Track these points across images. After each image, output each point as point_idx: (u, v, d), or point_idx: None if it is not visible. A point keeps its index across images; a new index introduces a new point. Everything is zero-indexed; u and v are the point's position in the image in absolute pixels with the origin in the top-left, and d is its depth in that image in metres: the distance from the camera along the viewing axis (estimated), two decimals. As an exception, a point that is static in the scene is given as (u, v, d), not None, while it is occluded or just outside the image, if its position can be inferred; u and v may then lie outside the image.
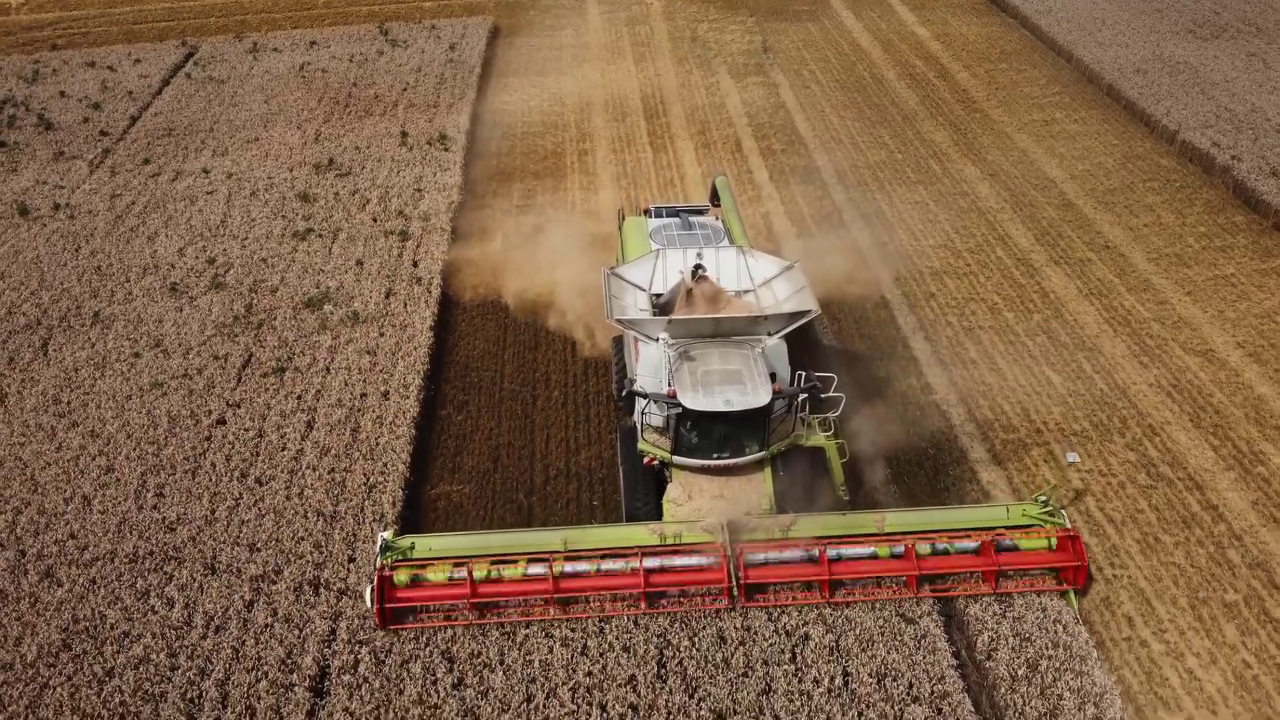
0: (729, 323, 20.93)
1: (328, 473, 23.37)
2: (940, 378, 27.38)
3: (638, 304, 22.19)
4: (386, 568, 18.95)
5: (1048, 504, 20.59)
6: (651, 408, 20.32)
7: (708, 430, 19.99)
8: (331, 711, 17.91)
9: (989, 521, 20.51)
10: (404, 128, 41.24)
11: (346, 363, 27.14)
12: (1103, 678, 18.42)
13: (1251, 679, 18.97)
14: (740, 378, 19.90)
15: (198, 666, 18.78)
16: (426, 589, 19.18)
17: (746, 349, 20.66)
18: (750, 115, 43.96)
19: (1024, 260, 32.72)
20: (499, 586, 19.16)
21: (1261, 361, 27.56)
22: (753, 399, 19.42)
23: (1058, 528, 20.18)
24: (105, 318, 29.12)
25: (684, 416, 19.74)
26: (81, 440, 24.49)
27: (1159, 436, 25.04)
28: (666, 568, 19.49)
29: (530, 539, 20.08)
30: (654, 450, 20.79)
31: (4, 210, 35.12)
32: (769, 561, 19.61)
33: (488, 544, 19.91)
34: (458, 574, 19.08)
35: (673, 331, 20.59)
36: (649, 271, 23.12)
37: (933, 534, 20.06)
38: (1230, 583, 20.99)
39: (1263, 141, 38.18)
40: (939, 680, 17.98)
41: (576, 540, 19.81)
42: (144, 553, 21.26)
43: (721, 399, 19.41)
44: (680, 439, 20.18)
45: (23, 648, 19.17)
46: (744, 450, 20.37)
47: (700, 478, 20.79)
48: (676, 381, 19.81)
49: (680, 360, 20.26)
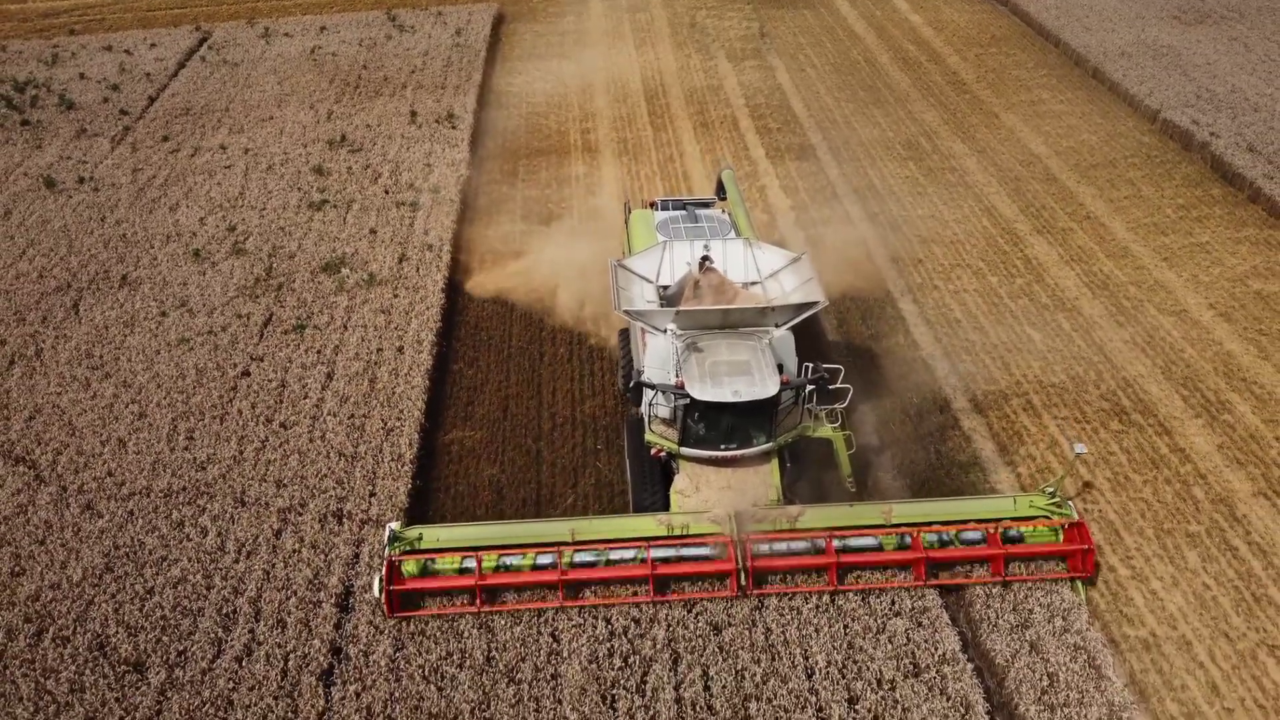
0: (737, 314, 20.79)
1: (347, 418, 24.82)
2: (926, 335, 28.84)
3: (645, 296, 22.03)
4: (394, 556, 19.09)
5: (1055, 495, 20.64)
6: (659, 399, 20.27)
7: (715, 421, 19.92)
8: (356, 624, 19.37)
9: (996, 513, 20.46)
10: (413, 107, 42.70)
11: (363, 321, 28.59)
12: (1070, 595, 19.90)
13: (1210, 599, 20.42)
14: (748, 368, 19.77)
15: (231, 586, 20.26)
16: (435, 578, 19.33)
17: (754, 340, 20.52)
18: (747, 97, 45.42)
19: (1008, 230, 34.17)
20: (507, 576, 19.25)
21: (1231, 321, 29.01)
22: (761, 389, 19.34)
23: (1065, 518, 20.26)
24: (132, 280, 30.57)
25: (692, 407, 19.70)
26: (114, 390, 25.93)
27: (1132, 388, 26.48)
28: (675, 558, 19.49)
29: (538, 530, 20.13)
30: (661, 441, 20.70)
31: (31, 183, 36.56)
32: (777, 552, 19.59)
33: (496, 535, 20.01)
34: (466, 564, 19.17)
35: (680, 323, 20.54)
36: (656, 263, 23.09)
37: (940, 525, 20.07)
38: (1194, 516, 22.44)
39: (1240, 119, 39.61)
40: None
41: (584, 531, 19.81)
42: (177, 488, 22.73)
43: (730, 389, 19.31)
44: (688, 430, 20.15)
45: (69, 570, 20.64)
46: (751, 441, 20.27)
47: (708, 469, 20.71)
48: (685, 372, 19.74)
49: (688, 351, 20.12)
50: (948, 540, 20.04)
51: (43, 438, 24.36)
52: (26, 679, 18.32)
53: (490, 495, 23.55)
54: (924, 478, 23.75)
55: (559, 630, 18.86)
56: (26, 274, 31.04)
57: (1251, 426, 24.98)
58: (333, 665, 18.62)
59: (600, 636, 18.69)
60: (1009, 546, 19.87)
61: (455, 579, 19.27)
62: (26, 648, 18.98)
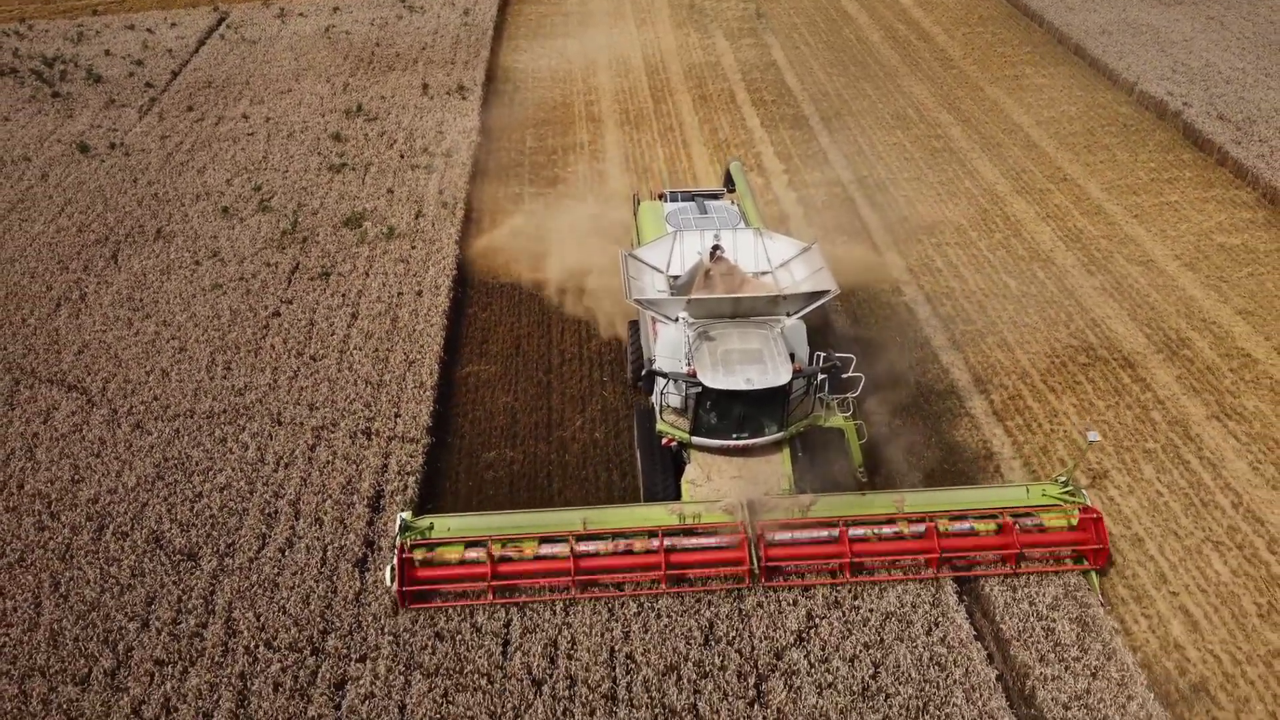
0: (748, 303, 20.72)
1: (372, 352, 26.85)
2: (909, 282, 30.88)
3: (655, 285, 21.99)
4: (406, 547, 19.04)
5: (1067, 484, 20.67)
6: (670, 388, 20.15)
7: (727, 410, 19.87)
8: (387, 521, 21.42)
9: (1008, 502, 20.42)
10: (424, 81, 44.74)
11: (384, 269, 30.61)
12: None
13: (1162, 504, 22.48)
14: (760, 357, 19.68)
15: (272, 490, 22.31)
16: (447, 569, 19.16)
17: (766, 329, 20.43)
18: (744, 72, 47.46)
19: (989, 190, 36.22)
20: (519, 566, 19.14)
21: (1195, 270, 31.06)
22: (773, 377, 19.26)
23: (1079, 505, 20.25)
24: (166, 234, 32.60)
25: (704, 396, 19.62)
26: (155, 328, 27.96)
27: (1099, 327, 28.54)
28: (687, 547, 19.38)
29: (549, 519, 20.04)
30: (673, 431, 20.69)
31: (65, 149, 38.58)
32: (789, 542, 19.51)
33: (506, 524, 19.87)
34: (477, 554, 19.14)
35: (692, 311, 20.44)
36: (666, 253, 23.01)
37: (953, 514, 20.02)
38: (1151, 435, 24.51)
39: (1212, 90, 41.65)
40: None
41: (596, 520, 19.71)
42: (218, 410, 24.77)
43: (742, 378, 19.24)
44: (699, 419, 20.09)
45: (123, 478, 22.68)
46: (763, 430, 20.23)
47: (719, 458, 20.68)
48: (696, 361, 19.64)
49: (700, 340, 20.05)
50: (962, 530, 19.78)
51: (91, 368, 26.37)
52: (92, 566, 20.36)
53: (505, 419, 25.57)
54: (905, 404, 25.71)
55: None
56: (66, 229, 33.05)
57: (1208, 360, 27.04)
58: (366, 555, 20.65)
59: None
60: (1023, 536, 19.69)
61: (468, 569, 19.05)
62: (90, 541, 21.02)
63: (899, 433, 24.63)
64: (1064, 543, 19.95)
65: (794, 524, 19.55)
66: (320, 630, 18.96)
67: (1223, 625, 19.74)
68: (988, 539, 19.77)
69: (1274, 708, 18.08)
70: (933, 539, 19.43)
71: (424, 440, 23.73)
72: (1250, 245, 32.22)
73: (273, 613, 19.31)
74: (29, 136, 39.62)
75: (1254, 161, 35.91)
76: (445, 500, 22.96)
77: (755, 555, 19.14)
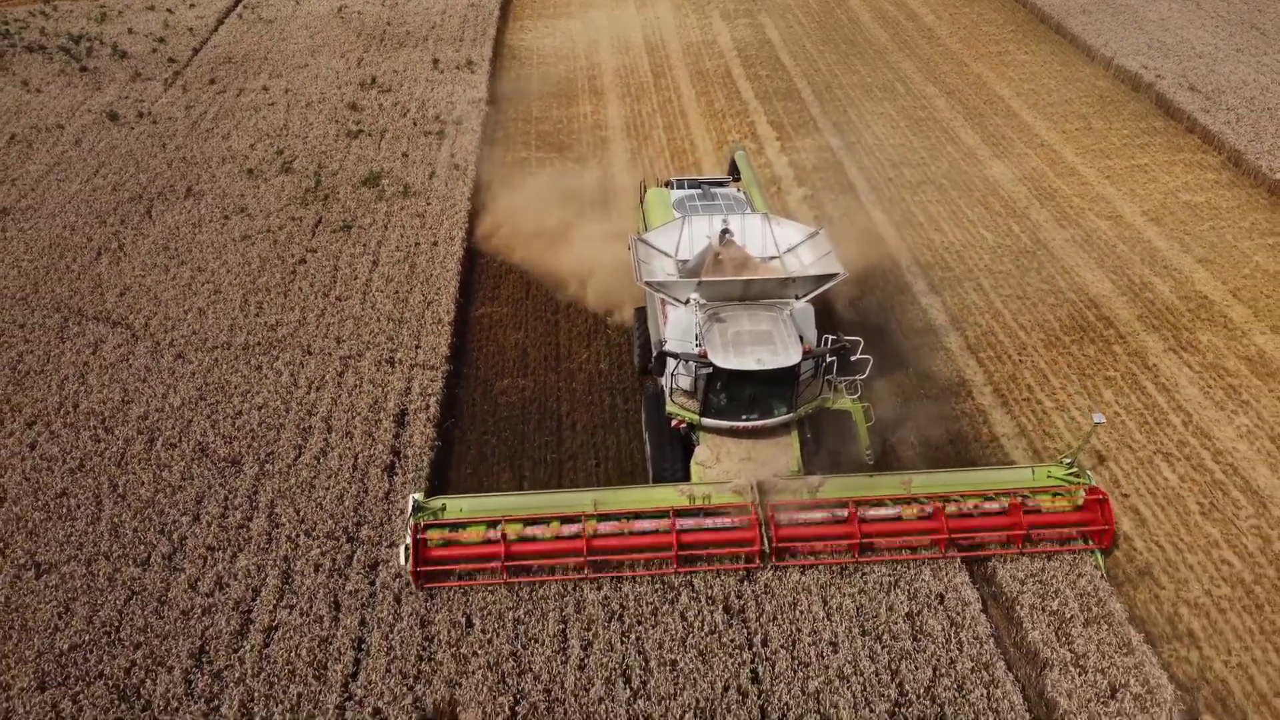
0: (758, 285, 20.86)
1: (393, 293, 28.96)
2: (892, 235, 33.01)
3: (665, 269, 22.18)
4: (420, 528, 19.17)
5: (1072, 465, 20.92)
6: (681, 369, 20.21)
7: (737, 392, 20.02)
8: (412, 434, 23.55)
9: (1014, 483, 20.61)
10: (435, 56, 46.88)
11: (401, 223, 32.73)
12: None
13: (1119, 422, 24.62)
14: (770, 338, 19.85)
15: (305, 409, 24.44)
16: (461, 549, 19.28)
17: (775, 311, 20.60)
18: (739, 49, 49.62)
19: (970, 154, 38.37)
20: (532, 546, 19.28)
21: (1160, 224, 33.21)
22: (783, 358, 19.41)
23: (1085, 485, 20.42)
24: (196, 192, 34.72)
25: (714, 377, 19.73)
26: (191, 274, 30.08)
27: (1068, 275, 30.68)
28: (698, 528, 19.51)
29: (560, 500, 20.22)
30: (682, 413, 20.85)
31: (96, 118, 40.69)
32: (799, 522, 19.69)
33: (518, 505, 20.09)
34: (491, 534, 19.27)
35: (703, 293, 20.62)
36: (675, 238, 23.17)
37: (960, 496, 20.17)
38: (1112, 365, 26.66)
39: (1185, 64, 43.81)
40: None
41: (607, 501, 19.91)
42: (253, 343, 26.89)
43: (753, 358, 19.39)
44: (709, 401, 20.20)
45: (169, 399, 24.80)
46: (772, 412, 20.35)
47: (728, 440, 20.86)
48: (707, 342, 19.78)
49: (710, 322, 20.26)
50: (969, 511, 20.00)
51: (134, 308, 28.49)
52: (145, 471, 22.49)
53: (517, 353, 27.72)
54: (888, 343, 27.75)
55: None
56: (101, 188, 35.16)
57: (1168, 301, 29.20)
58: (394, 463, 22.78)
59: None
60: (1030, 517, 19.90)
61: (481, 549, 19.23)
62: (142, 451, 23.15)
63: (879, 363, 26.78)
64: (1070, 523, 20.13)
65: (803, 505, 19.81)
66: (354, 523, 21.11)
67: (1167, 521, 21.88)
68: (994, 519, 19.95)
69: (1209, 586, 20.22)
70: (940, 520, 19.66)
71: (443, 368, 25.87)
72: (1213, 203, 34.36)
73: (311, 508, 21.45)
74: (61, 107, 41.75)
75: (1220, 128, 38.06)
76: (464, 417, 25.14)
77: (766, 535, 19.27)
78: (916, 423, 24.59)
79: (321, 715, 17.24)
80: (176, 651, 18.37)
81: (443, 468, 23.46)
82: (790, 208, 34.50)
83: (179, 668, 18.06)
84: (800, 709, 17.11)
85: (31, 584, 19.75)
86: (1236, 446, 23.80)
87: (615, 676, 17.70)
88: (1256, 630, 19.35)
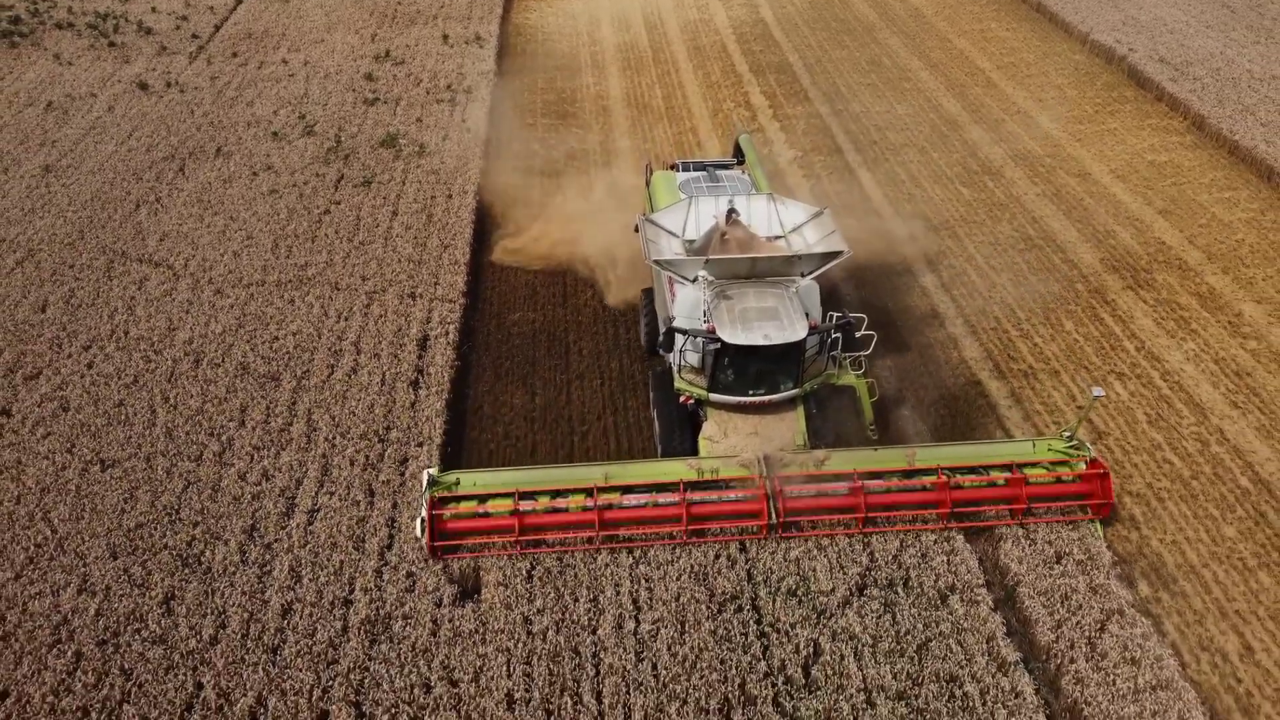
0: (765, 263, 21.20)
1: (412, 239, 31.31)
2: (876, 192, 35.40)
3: (672, 249, 22.72)
4: (435, 502, 19.67)
5: (1072, 439, 21.37)
6: (689, 346, 20.77)
7: (744, 367, 20.43)
8: (433, 355, 25.94)
9: (1015, 456, 21.03)
10: (444, 33, 49.29)
11: (418, 179, 35.10)
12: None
13: (1077, 347, 27.01)
14: (776, 314, 20.24)
15: (336, 334, 26.81)
16: (474, 521, 19.81)
17: (781, 288, 21.03)
18: (735, 27, 52.06)
19: (950, 120, 40.78)
20: (545, 518, 19.76)
21: (1124, 180, 35.64)
22: (789, 333, 19.82)
23: (1084, 457, 20.97)
24: (225, 152, 37.08)
25: (722, 352, 20.18)
26: (224, 222, 32.44)
27: (1038, 224, 33.09)
28: (707, 500, 19.97)
29: (572, 474, 20.68)
30: (691, 389, 21.28)
31: (126, 87, 43.06)
32: (805, 494, 20.10)
33: (531, 479, 20.42)
34: (504, 508, 19.80)
35: (711, 270, 20.98)
36: (682, 218, 23.74)
37: (962, 468, 20.69)
38: (1074, 300, 29.05)
39: (1157, 39, 46.24)
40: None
41: (617, 475, 20.28)
42: (285, 280, 29.26)
43: (759, 334, 19.81)
44: (717, 376, 20.66)
45: (211, 326, 27.16)
46: (779, 387, 20.82)
47: (735, 415, 21.24)
48: (715, 318, 20.19)
49: (718, 299, 20.67)
50: (971, 484, 20.55)
51: (173, 251, 30.84)
52: (193, 384, 24.87)
53: (526, 291, 30.08)
54: (870, 282, 30.13)
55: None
56: (136, 149, 37.51)
57: (1129, 245, 31.62)
58: (418, 378, 25.17)
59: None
60: (1030, 488, 20.46)
61: (495, 521, 19.72)
62: (190, 369, 25.52)
63: (862, 294, 29.23)
64: (1070, 494, 20.71)
65: (809, 477, 20.22)
66: (384, 427, 23.50)
67: (1117, 429, 24.30)
68: (996, 490, 20.52)
69: (1150, 480, 22.63)
70: (943, 491, 20.19)
71: (460, 301, 28.24)
72: (1176, 162, 36.80)
73: (344, 415, 23.84)
74: (92, 78, 44.11)
75: (1187, 95, 40.50)
76: (480, 343, 27.58)
77: (773, 507, 19.74)
78: (896, 350, 26.97)
79: (361, 577, 19.61)
80: (231, 528, 20.75)
81: (461, 385, 25.86)
82: (781, 168, 36.89)
83: (234, 541, 20.44)
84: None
85: (98, 476, 22.12)
86: (1183, 368, 26.23)
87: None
88: (1190, 516, 21.77)
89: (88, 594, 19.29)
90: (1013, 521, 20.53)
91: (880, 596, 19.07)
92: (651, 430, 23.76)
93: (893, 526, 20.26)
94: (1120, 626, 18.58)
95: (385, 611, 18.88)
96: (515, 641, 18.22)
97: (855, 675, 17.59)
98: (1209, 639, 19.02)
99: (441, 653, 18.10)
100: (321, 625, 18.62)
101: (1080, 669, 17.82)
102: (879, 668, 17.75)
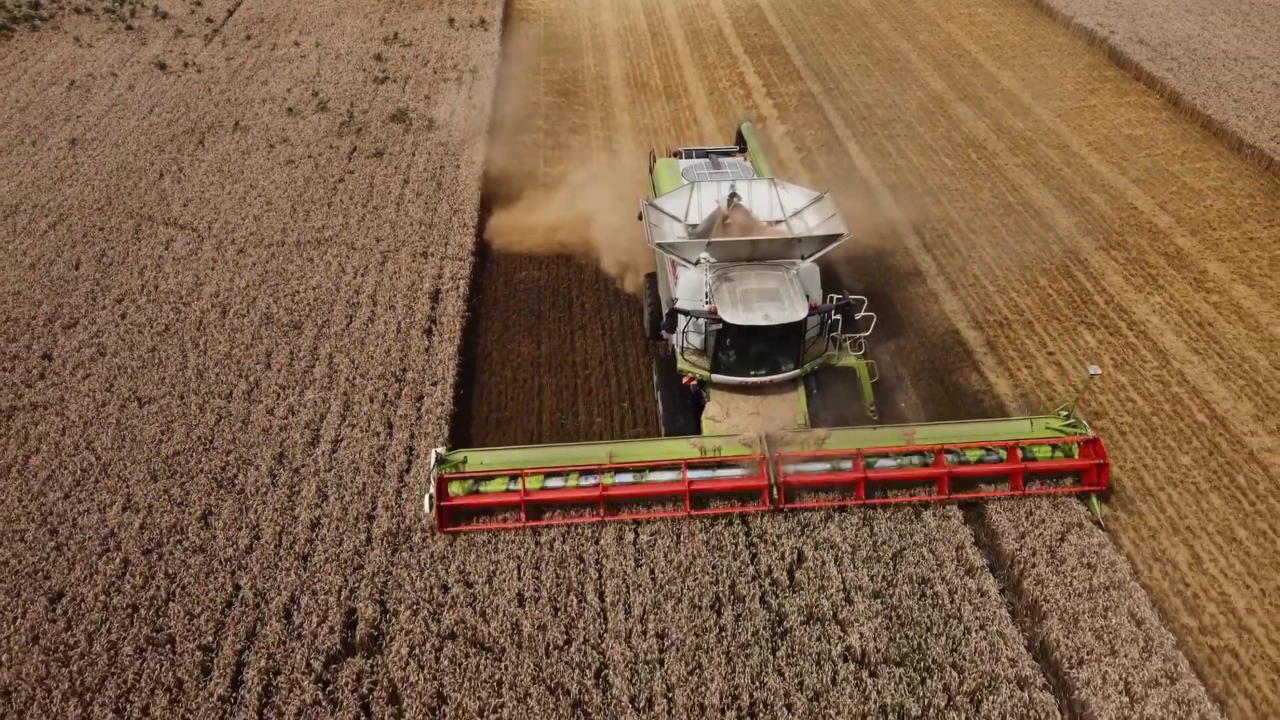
0: (766, 245, 21.60)
1: (423, 204, 33.03)
2: (865, 164, 37.13)
3: (675, 232, 23.21)
4: (443, 480, 20.01)
5: (1070, 417, 21.60)
6: (691, 327, 21.14)
7: (745, 347, 20.82)
8: (445, 307, 27.66)
9: (1013, 434, 21.30)
10: (450, 16, 51.06)
11: (427, 151, 36.83)
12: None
13: (1051, 302, 28.75)
14: (777, 295, 20.60)
15: (353, 288, 28.53)
16: (481, 497, 20.20)
17: (782, 270, 21.40)
18: (730, 12, 53.84)
19: (937, 99, 42.53)
20: (550, 494, 20.13)
21: (1101, 152, 37.40)
22: (790, 314, 20.21)
23: (1080, 435, 21.23)
24: (242, 126, 38.80)
25: (724, 333, 20.57)
26: (244, 189, 34.16)
27: (1017, 191, 34.84)
28: (709, 476, 20.37)
29: (577, 453, 20.90)
30: (693, 370, 21.67)
31: (145, 67, 44.79)
32: (806, 471, 20.43)
33: (537, 458, 20.73)
34: (511, 486, 20.19)
35: (713, 253, 21.39)
36: (684, 203, 24.13)
37: (960, 446, 20.95)
38: (1049, 260, 30.75)
39: (1138, 22, 48.02)
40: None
41: (622, 454, 20.55)
42: (304, 240, 30.97)
43: (760, 314, 20.18)
44: (719, 357, 21.05)
45: (235, 281, 28.88)
46: (780, 367, 21.15)
47: (737, 396, 21.60)
48: (717, 299, 20.55)
49: (720, 281, 21.04)
50: (968, 460, 20.82)
51: (197, 215, 32.56)
52: (221, 332, 26.57)
53: (529, 257, 31.84)
54: (856, 243, 31.76)
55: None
56: (157, 124, 39.23)
57: (1103, 211, 33.36)
58: (431, 327, 26.88)
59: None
60: (1027, 464, 20.76)
61: (501, 497, 20.11)
62: (217, 319, 27.22)
63: (850, 253, 30.98)
64: (1066, 469, 21.07)
65: (810, 456, 20.59)
66: (401, 369, 25.21)
67: (1082, 371, 26.01)
68: (993, 466, 20.86)
69: (1114, 417, 24.35)
70: (942, 466, 20.53)
71: (469, 260, 29.96)
72: (1152, 136, 38.56)
73: (364, 359, 25.56)
74: (112, 59, 45.83)
75: (1163, 74, 42.26)
76: (488, 298, 29.30)
77: (774, 485, 20.12)
78: (879, 304, 28.58)
79: (383, 496, 21.32)
80: (261, 455, 22.46)
81: (472, 335, 27.57)
82: (774, 142, 38.62)
83: (264, 466, 22.16)
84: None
85: (136, 411, 23.84)
86: (1149, 319, 27.95)
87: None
88: (1150, 447, 23.47)
89: (131, 510, 20.98)
90: (1008, 493, 20.83)
91: (859, 512, 20.79)
92: (654, 407, 24.21)
93: (892, 499, 20.72)
94: (1079, 537, 20.27)
95: (405, 525, 20.60)
96: (525, 550, 19.92)
97: (835, 578, 19.27)
98: (1161, 550, 20.70)
99: (458, 560, 19.79)
100: (348, 537, 20.31)
101: (1041, 572, 19.50)
102: (857, 571, 19.44)
